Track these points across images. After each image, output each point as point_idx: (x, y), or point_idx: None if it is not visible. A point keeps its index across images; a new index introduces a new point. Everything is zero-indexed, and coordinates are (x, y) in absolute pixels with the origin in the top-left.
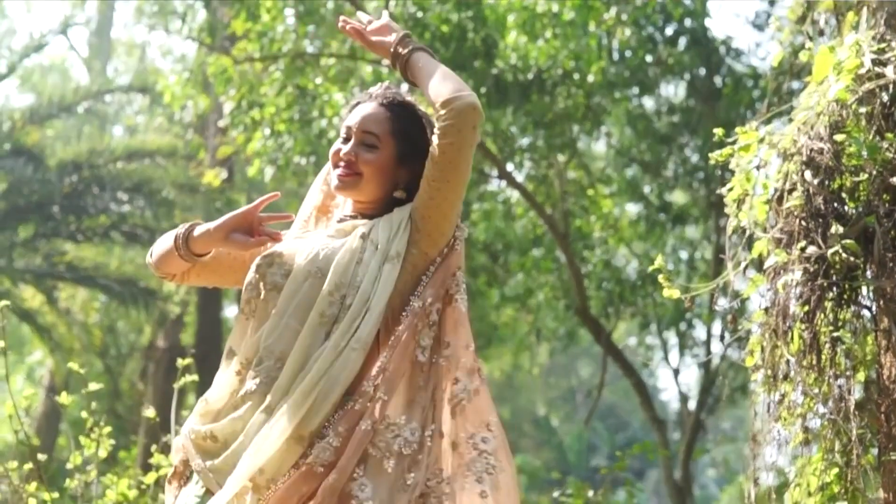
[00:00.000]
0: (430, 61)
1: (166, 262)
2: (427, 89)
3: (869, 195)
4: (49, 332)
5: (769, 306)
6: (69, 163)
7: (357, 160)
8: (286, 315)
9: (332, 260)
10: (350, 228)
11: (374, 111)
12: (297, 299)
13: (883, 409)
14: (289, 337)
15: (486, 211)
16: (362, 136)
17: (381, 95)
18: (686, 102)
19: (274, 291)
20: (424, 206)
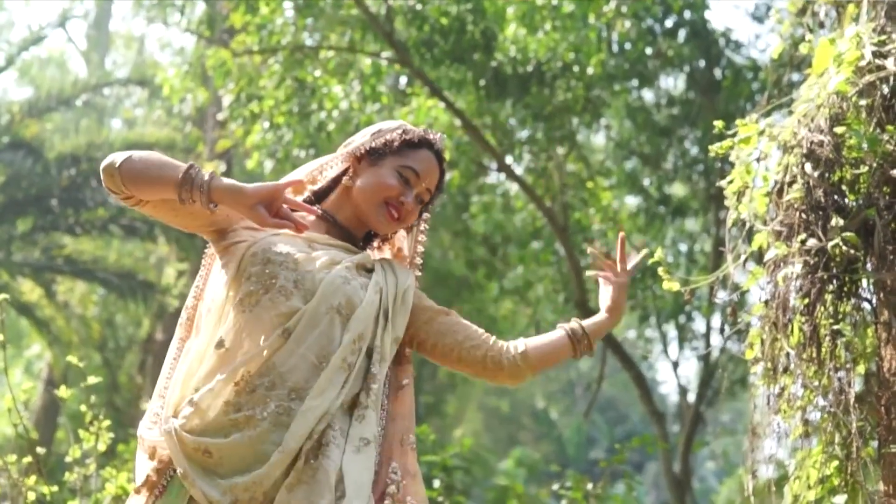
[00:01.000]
0: None
1: (148, 188)
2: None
3: (869, 188)
4: (47, 326)
5: (769, 299)
6: (68, 156)
7: (411, 211)
8: (304, 345)
9: (355, 304)
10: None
11: (436, 171)
12: (318, 331)
13: (883, 402)
14: (305, 370)
15: (485, 203)
16: (424, 194)
17: (439, 151)
18: (685, 95)
19: (282, 296)
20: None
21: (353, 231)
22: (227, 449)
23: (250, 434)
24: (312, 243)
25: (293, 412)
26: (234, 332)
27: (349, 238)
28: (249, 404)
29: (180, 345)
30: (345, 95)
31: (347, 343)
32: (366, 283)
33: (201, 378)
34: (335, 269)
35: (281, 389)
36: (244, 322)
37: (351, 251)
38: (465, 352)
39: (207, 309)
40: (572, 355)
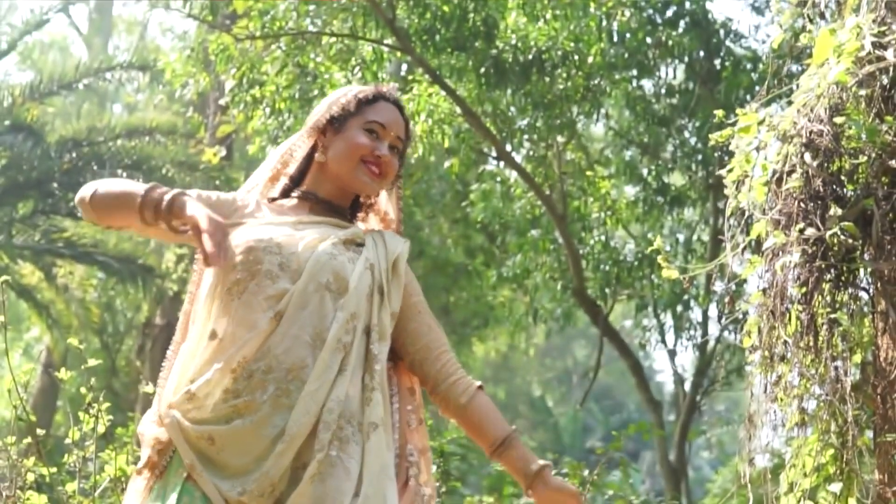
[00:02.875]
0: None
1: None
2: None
3: (868, 178)
4: (47, 309)
5: (767, 287)
6: (69, 140)
7: (390, 164)
8: (296, 325)
9: (346, 280)
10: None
11: (400, 119)
12: (309, 310)
13: (879, 391)
14: (300, 351)
15: (484, 191)
16: (395, 143)
17: (397, 101)
18: (685, 85)
19: (268, 280)
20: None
21: (338, 203)
22: (229, 435)
23: (252, 419)
24: (298, 224)
25: (292, 394)
26: (225, 322)
27: (335, 212)
28: (248, 390)
29: (175, 348)
30: (346, 82)
31: (342, 321)
32: (354, 257)
33: (197, 369)
34: (321, 245)
35: (278, 372)
36: (234, 310)
37: (340, 226)
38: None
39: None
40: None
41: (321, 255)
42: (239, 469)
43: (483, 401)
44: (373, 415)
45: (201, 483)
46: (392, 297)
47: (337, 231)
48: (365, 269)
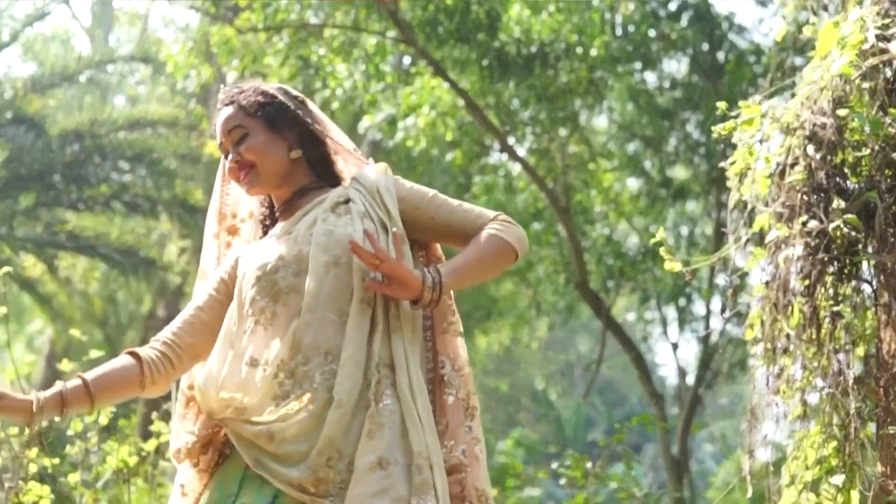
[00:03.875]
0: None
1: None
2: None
3: (871, 170)
4: (49, 301)
5: (770, 280)
6: (71, 132)
7: (243, 157)
8: (318, 310)
9: (345, 243)
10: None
11: (224, 114)
12: (325, 291)
13: (882, 384)
14: (330, 330)
15: (487, 184)
16: (229, 137)
17: (222, 101)
18: (688, 78)
19: (293, 294)
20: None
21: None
22: (289, 428)
23: (310, 409)
24: (290, 228)
25: (337, 371)
26: (262, 348)
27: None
28: (296, 387)
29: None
30: (349, 74)
31: (358, 283)
32: (349, 218)
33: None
34: (315, 229)
35: (316, 358)
36: (271, 335)
37: (319, 203)
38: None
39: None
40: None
41: (319, 236)
42: (304, 453)
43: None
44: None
45: (270, 476)
46: (395, 222)
47: (320, 208)
48: (360, 220)
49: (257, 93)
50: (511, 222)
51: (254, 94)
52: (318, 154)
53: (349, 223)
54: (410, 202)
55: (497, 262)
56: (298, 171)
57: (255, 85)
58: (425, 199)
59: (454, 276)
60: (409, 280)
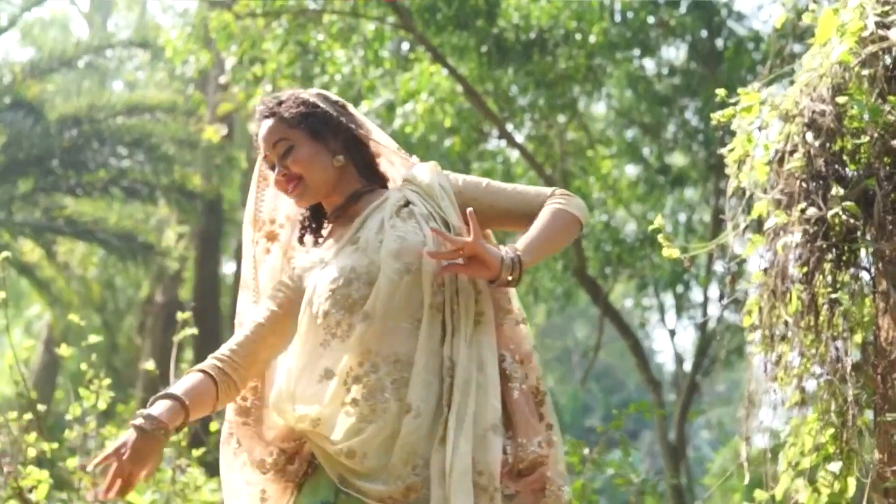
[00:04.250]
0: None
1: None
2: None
3: (870, 158)
4: (47, 286)
5: (768, 267)
6: (69, 117)
7: (290, 170)
8: (390, 318)
9: (416, 249)
10: (396, 207)
11: (266, 127)
12: (397, 299)
13: (879, 371)
14: (402, 337)
15: (485, 170)
16: (274, 150)
17: (261, 112)
18: (687, 65)
19: (364, 304)
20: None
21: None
22: (368, 442)
23: (384, 418)
24: (354, 237)
25: (409, 379)
26: (337, 359)
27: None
28: (367, 396)
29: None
30: (347, 60)
31: (428, 287)
32: (416, 223)
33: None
34: (386, 236)
35: (386, 366)
36: (347, 347)
37: (375, 207)
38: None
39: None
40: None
41: (391, 243)
42: (385, 465)
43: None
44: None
45: (360, 494)
46: (454, 222)
47: (380, 212)
48: (426, 223)
49: (298, 103)
50: (569, 194)
51: (294, 104)
52: (363, 158)
53: (417, 229)
54: (468, 195)
55: (566, 235)
56: (347, 177)
57: (295, 94)
58: (480, 189)
59: (530, 253)
60: (488, 259)
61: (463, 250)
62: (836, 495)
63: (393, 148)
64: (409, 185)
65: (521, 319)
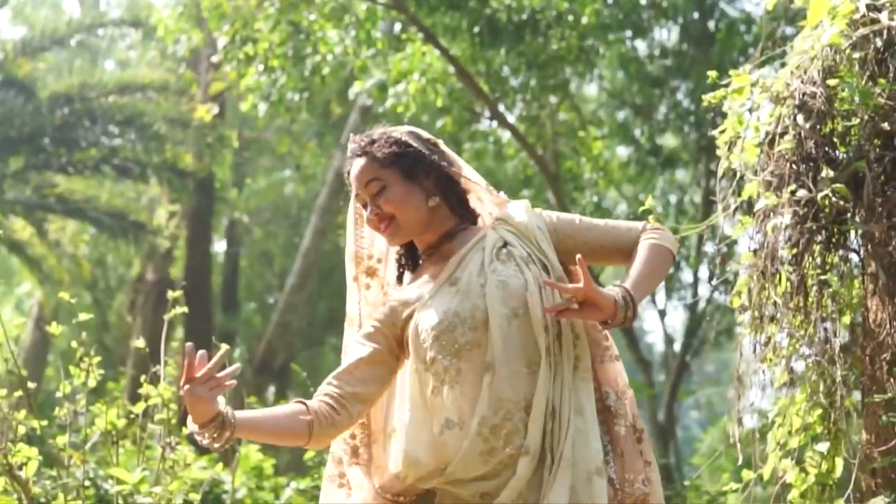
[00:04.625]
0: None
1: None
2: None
3: (860, 140)
4: (38, 264)
5: (757, 248)
6: (61, 95)
7: (382, 210)
8: (508, 363)
9: (520, 294)
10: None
11: (358, 166)
12: (511, 344)
13: (867, 353)
14: (521, 382)
15: (477, 150)
16: (366, 189)
17: (353, 150)
18: (679, 46)
19: (475, 349)
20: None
21: (433, 237)
22: (502, 485)
23: (522, 473)
24: (451, 278)
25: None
26: (456, 408)
27: (446, 241)
28: (504, 443)
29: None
30: (339, 40)
31: (541, 331)
32: (517, 267)
33: (443, 450)
34: (487, 280)
35: (517, 411)
36: (460, 393)
37: (471, 245)
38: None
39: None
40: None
41: (494, 289)
42: None
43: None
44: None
45: None
46: (553, 263)
47: (478, 253)
48: (527, 266)
49: (390, 142)
50: (661, 228)
51: (387, 143)
52: (456, 196)
53: (518, 272)
54: (563, 233)
55: (665, 269)
56: (440, 216)
57: (386, 132)
58: (574, 226)
59: (638, 289)
60: (602, 302)
61: (577, 296)
62: (824, 475)
63: (482, 185)
64: (504, 224)
65: (615, 356)
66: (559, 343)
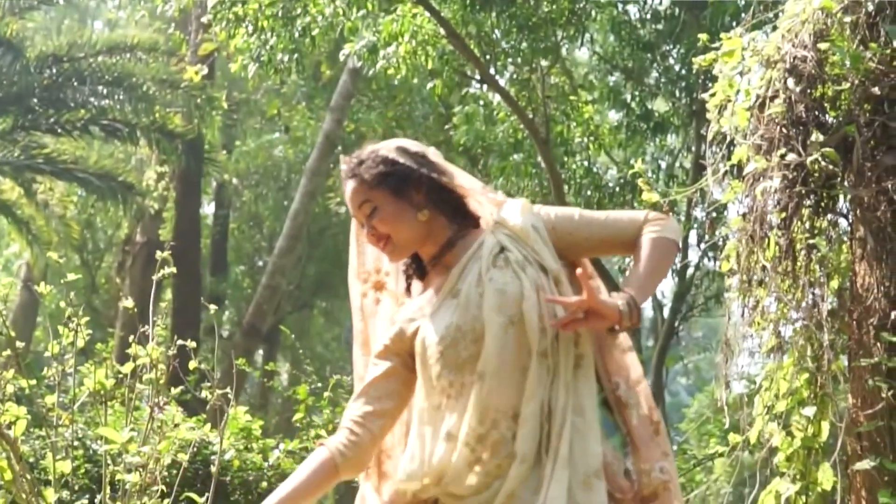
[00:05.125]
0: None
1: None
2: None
3: (850, 104)
4: (27, 225)
5: (747, 212)
6: (49, 55)
7: (377, 230)
8: (500, 371)
9: (517, 300)
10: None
11: (350, 189)
12: (507, 351)
13: (855, 317)
14: (512, 390)
15: (467, 114)
16: (361, 212)
17: (345, 173)
18: (671, 10)
19: (476, 362)
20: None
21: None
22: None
23: (514, 475)
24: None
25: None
26: (454, 421)
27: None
28: (490, 453)
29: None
30: (329, 1)
31: (535, 335)
32: (512, 274)
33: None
34: (485, 289)
35: (505, 420)
36: (462, 406)
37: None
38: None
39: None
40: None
41: (491, 298)
42: None
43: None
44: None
45: None
46: (550, 265)
47: (477, 261)
48: (523, 271)
49: (377, 162)
50: (663, 217)
51: (374, 163)
52: (450, 204)
53: (515, 278)
54: (562, 230)
55: (669, 262)
56: (437, 227)
57: (374, 151)
58: (574, 222)
59: (642, 291)
60: (606, 311)
61: (580, 308)
62: (810, 439)
63: (478, 188)
64: (501, 228)
65: (626, 348)
66: (557, 343)
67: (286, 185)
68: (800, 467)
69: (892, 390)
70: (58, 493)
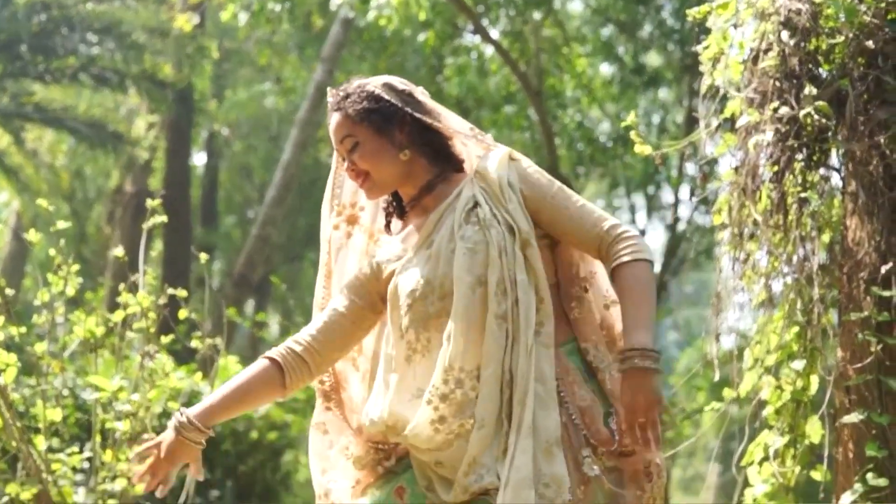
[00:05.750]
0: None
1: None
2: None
3: (844, 58)
4: (16, 174)
5: (739, 165)
6: (38, 2)
7: (357, 166)
8: (468, 331)
9: (485, 261)
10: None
11: (334, 122)
12: (473, 312)
13: (845, 271)
14: (475, 351)
15: (459, 66)
16: (343, 146)
17: (331, 106)
18: None
19: (444, 317)
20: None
21: (413, 189)
22: (454, 456)
23: (474, 441)
24: (427, 240)
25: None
26: (425, 375)
27: (426, 193)
28: (456, 413)
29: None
30: None
31: (493, 297)
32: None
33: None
34: (457, 247)
35: (470, 380)
36: (430, 361)
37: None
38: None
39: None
40: None
41: (461, 257)
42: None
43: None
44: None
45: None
46: (520, 226)
47: (452, 212)
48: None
49: (363, 97)
50: (628, 235)
51: (359, 98)
52: (433, 146)
53: (483, 239)
54: (532, 200)
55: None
56: (418, 168)
57: (360, 86)
58: (545, 200)
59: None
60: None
61: (643, 435)
62: (799, 392)
63: (465, 131)
64: (479, 178)
65: (610, 302)
66: (517, 308)
67: (277, 136)
68: (788, 420)
69: (881, 344)
70: (48, 440)
